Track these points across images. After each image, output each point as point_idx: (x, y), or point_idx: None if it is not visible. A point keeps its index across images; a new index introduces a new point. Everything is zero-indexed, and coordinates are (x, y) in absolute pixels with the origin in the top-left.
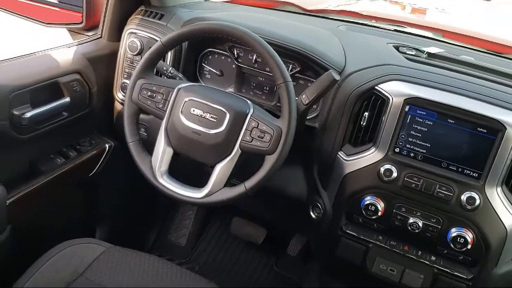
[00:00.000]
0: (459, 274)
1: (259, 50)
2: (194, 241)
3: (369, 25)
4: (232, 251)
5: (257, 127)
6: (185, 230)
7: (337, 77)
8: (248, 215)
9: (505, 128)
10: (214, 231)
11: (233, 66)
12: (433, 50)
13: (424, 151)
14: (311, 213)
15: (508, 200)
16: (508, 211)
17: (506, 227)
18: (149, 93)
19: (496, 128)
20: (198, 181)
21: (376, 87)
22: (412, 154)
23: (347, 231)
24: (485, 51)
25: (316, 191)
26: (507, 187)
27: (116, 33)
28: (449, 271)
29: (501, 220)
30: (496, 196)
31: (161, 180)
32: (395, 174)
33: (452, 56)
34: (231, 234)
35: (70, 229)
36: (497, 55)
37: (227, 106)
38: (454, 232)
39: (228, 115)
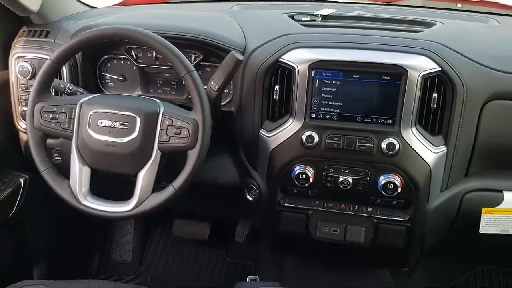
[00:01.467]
0: (396, 218)
1: (154, 46)
2: (139, 255)
3: (261, 0)
4: (181, 254)
5: (171, 124)
6: (128, 245)
7: (241, 57)
8: (189, 214)
9: (407, 71)
10: (158, 239)
11: (134, 68)
12: (326, 12)
13: (338, 110)
14: (248, 196)
15: (424, 138)
16: (427, 147)
17: (428, 163)
18: (50, 116)
19: (398, 73)
20: (125, 193)
21: (280, 59)
22: (328, 116)
23: (285, 204)
24: (376, 3)
25: (247, 173)
26: (421, 126)
27: (3, 60)
28: (386, 217)
29: (422, 158)
30: (412, 136)
31: (85, 202)
32: (316, 139)
33: (345, 14)
34: (176, 237)
35: (2, 275)
36: (387, 4)
37: (135, 110)
38: (382, 180)
39: (138, 119)
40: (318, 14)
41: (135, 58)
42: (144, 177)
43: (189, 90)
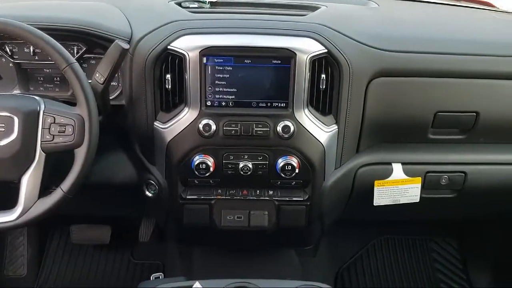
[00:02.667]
0: (296, 198)
1: (30, 39)
2: (35, 267)
3: None
4: (82, 261)
5: (54, 122)
6: (22, 259)
7: (126, 46)
8: (87, 218)
9: (295, 54)
10: (55, 248)
11: (10, 65)
12: None
13: (233, 96)
14: (147, 192)
15: (317, 118)
16: (319, 127)
17: (322, 142)
18: None
19: (287, 56)
20: (8, 201)
21: (169, 47)
22: (223, 103)
23: (187, 196)
24: None
25: (145, 169)
26: (313, 107)
27: None
28: (287, 198)
29: (316, 138)
30: (305, 118)
31: None
32: (214, 127)
33: (233, 0)
34: (75, 244)
35: None
36: None
37: (12, 110)
38: (281, 162)
39: (16, 119)
40: (206, 1)
41: (10, 54)
42: (28, 181)
43: (71, 84)
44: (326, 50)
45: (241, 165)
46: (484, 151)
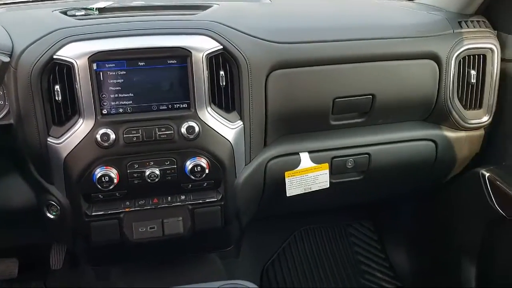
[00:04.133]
0: (210, 200)
1: None
2: None
3: (29, 1)
4: None
5: None
6: None
7: (6, 59)
8: None
9: (191, 52)
10: None
11: None
12: (102, 4)
13: (131, 102)
14: (48, 214)
15: (221, 116)
16: (225, 125)
17: (229, 140)
18: None
19: (183, 55)
20: None
21: (55, 56)
22: (121, 110)
23: (93, 213)
24: None
25: (43, 189)
26: (215, 105)
27: None
28: (200, 201)
29: (222, 136)
30: (209, 116)
31: None
32: (113, 136)
33: (122, 5)
34: None
35: None
36: None
37: None
38: (189, 164)
39: None
40: (93, 8)
41: None
42: None
43: None
44: (221, 47)
45: (147, 172)
46: (384, 131)
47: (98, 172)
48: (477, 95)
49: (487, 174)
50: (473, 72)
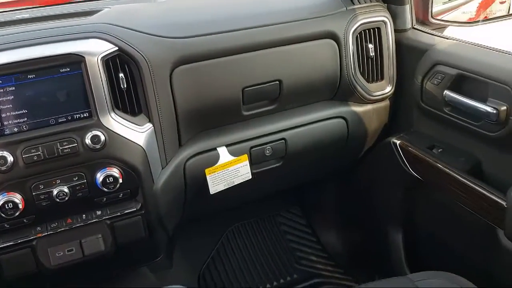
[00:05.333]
0: (129, 210)
1: None
2: None
3: None
4: None
5: None
6: None
7: None
8: None
9: (84, 58)
10: None
11: None
12: None
13: (26, 119)
14: None
15: (127, 121)
16: (133, 129)
17: (140, 144)
18: None
19: (75, 61)
20: None
21: None
22: (15, 129)
23: (0, 246)
24: (41, 6)
25: None
26: (120, 110)
27: None
28: (119, 213)
29: (132, 141)
30: (114, 123)
31: None
32: (10, 158)
33: (4, 20)
34: None
35: None
36: (53, 5)
37: None
38: (100, 177)
39: None
40: None
41: None
42: None
43: None
44: (116, 48)
45: (55, 192)
46: (296, 114)
47: (0, 200)
48: (377, 67)
49: (398, 142)
50: (370, 46)
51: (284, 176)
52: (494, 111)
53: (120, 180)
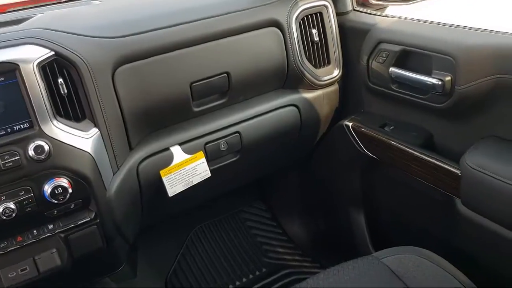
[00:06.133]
0: (83, 221)
1: None
2: None
3: None
4: None
5: None
6: None
7: None
8: None
9: (18, 65)
10: None
11: None
12: None
13: None
14: None
15: (71, 127)
16: (78, 136)
17: (87, 151)
18: None
19: (9, 70)
20: None
21: None
22: None
23: None
24: None
25: None
26: (62, 117)
27: None
28: (72, 225)
29: (79, 149)
30: (57, 131)
31: None
32: None
33: None
34: None
35: None
36: None
37: None
38: (48, 188)
39: None
40: None
41: None
42: None
43: None
44: (53, 53)
45: (0, 209)
46: (249, 106)
47: None
48: (323, 52)
49: (350, 124)
50: (314, 31)
51: (242, 170)
52: (440, 83)
53: (70, 190)
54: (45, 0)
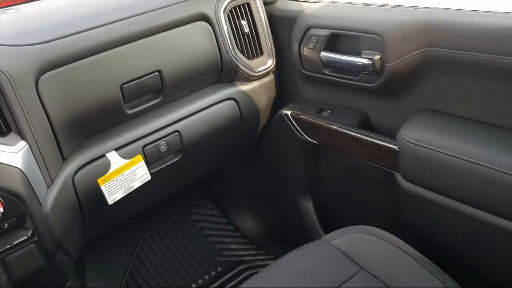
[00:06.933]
0: (20, 240)
1: None
2: None
3: None
4: None
5: None
6: None
7: None
8: None
9: None
10: None
11: None
12: None
13: None
14: None
15: None
16: (4, 151)
17: (16, 166)
18: None
19: None
20: None
21: None
22: None
23: None
24: None
25: None
26: None
27: None
28: (9, 246)
29: (6, 164)
30: None
31: None
32: None
33: None
34: None
35: None
36: None
37: None
38: None
39: None
40: None
41: None
42: None
43: None
44: None
45: None
46: (186, 103)
47: None
48: (254, 43)
49: (289, 112)
50: (244, 22)
51: (186, 171)
52: (370, 62)
53: (1, 210)
54: None
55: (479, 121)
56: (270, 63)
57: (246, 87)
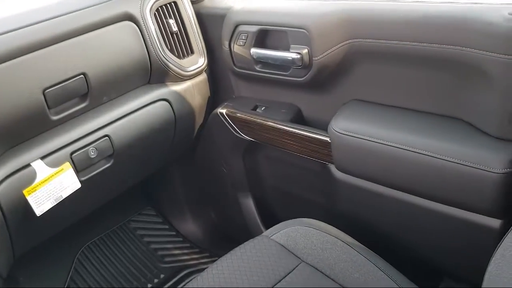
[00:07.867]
0: None
1: None
2: None
3: None
4: None
5: None
6: None
7: None
8: None
9: None
10: None
11: None
12: None
13: None
14: None
15: None
16: None
17: None
18: None
19: None
20: None
21: None
22: None
23: None
24: None
25: None
26: None
27: None
28: None
29: None
30: None
31: None
32: None
33: None
34: None
35: None
36: None
37: None
38: None
39: None
40: None
41: None
42: None
43: None
44: None
45: None
46: (115, 106)
47: None
48: (184, 41)
49: (224, 111)
50: (171, 21)
51: (120, 176)
52: (298, 56)
53: None
54: None
55: (405, 108)
56: (201, 61)
57: (178, 87)
